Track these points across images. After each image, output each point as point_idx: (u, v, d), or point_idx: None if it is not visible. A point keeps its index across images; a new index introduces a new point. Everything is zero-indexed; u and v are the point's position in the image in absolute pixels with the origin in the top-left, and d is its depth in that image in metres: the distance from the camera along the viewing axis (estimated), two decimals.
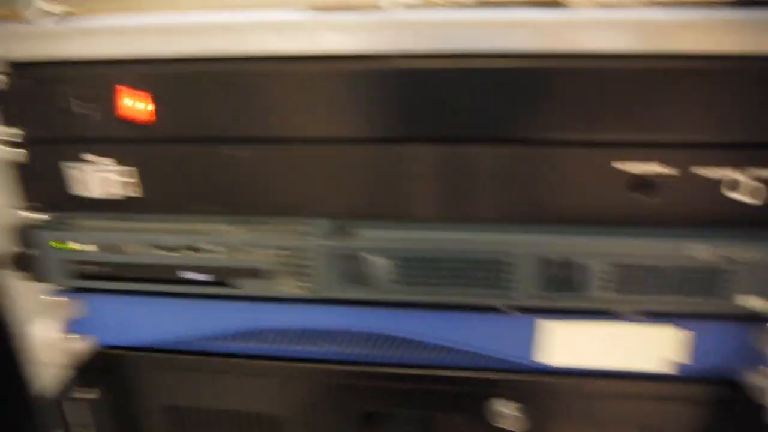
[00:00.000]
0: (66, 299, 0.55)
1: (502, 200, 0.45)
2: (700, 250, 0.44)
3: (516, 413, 0.51)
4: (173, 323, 0.54)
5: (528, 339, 0.49)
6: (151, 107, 0.47)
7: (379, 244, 0.47)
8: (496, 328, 0.49)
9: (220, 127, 0.47)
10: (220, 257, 0.49)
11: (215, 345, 0.55)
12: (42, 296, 0.55)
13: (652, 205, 0.44)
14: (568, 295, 0.46)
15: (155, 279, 0.51)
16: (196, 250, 0.50)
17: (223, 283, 0.50)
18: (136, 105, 0.47)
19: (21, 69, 0.48)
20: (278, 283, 0.49)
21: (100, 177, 0.49)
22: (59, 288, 0.55)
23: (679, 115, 0.41)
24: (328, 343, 0.52)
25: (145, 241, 0.50)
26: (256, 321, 0.53)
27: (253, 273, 0.49)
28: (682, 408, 0.50)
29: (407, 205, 0.47)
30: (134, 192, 0.50)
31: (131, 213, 0.51)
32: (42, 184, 0.51)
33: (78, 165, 0.50)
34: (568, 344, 0.49)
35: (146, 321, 0.55)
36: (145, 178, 0.50)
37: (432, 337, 0.50)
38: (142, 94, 0.47)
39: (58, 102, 0.48)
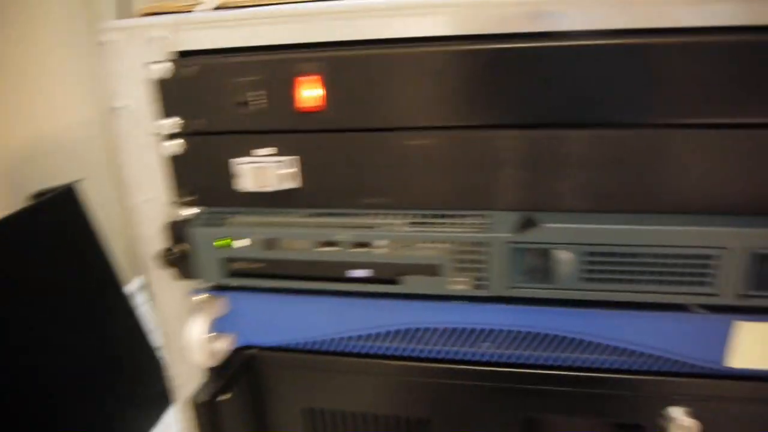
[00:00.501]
0: (214, 297, 0.54)
1: (706, 188, 0.42)
2: None
3: (693, 422, 0.48)
4: (326, 322, 0.52)
5: (719, 342, 0.46)
6: (318, 95, 0.45)
7: (566, 237, 0.44)
8: (685, 329, 0.46)
9: (394, 115, 0.45)
10: (387, 253, 0.47)
11: (364, 346, 0.53)
12: (190, 294, 0.54)
13: None
14: None
15: (314, 277, 0.50)
16: (362, 245, 0.48)
17: (388, 280, 0.48)
18: (301, 93, 0.45)
19: (185, 58, 0.47)
20: (450, 280, 0.47)
21: (260, 169, 0.48)
22: (209, 286, 0.53)
23: None
24: (493, 343, 0.50)
25: (305, 236, 0.48)
26: (417, 320, 0.50)
27: (424, 269, 0.47)
28: None
29: (596, 194, 0.44)
30: (295, 185, 0.48)
31: (291, 207, 0.49)
32: (198, 177, 0.50)
33: (238, 157, 0.48)
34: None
35: (295, 320, 0.53)
36: (308, 170, 0.48)
37: (611, 338, 0.47)
38: (308, 81, 0.45)
39: (219, 91, 0.47)
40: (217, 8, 0.48)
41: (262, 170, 0.48)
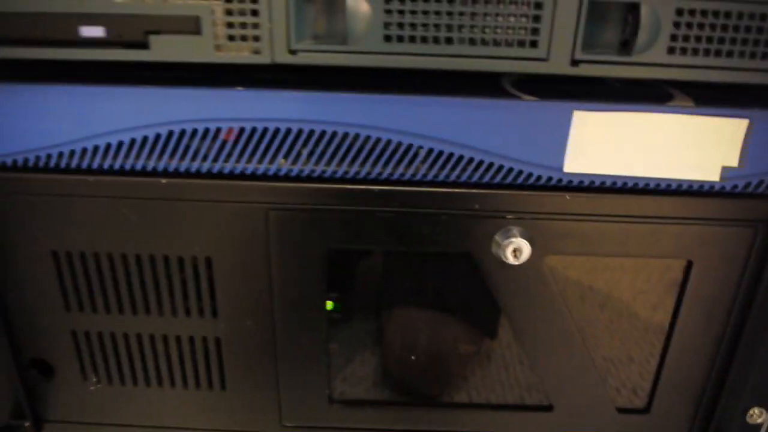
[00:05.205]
0: None
1: None
2: None
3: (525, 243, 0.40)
4: (63, 122, 0.39)
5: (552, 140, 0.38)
6: None
7: None
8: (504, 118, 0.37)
9: None
10: None
11: (117, 161, 0.40)
12: None
13: None
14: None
15: (30, 39, 0.35)
16: None
17: (133, 43, 0.35)
18: None
19: None
20: (217, 40, 0.35)
21: None
22: None
23: None
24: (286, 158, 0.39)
25: None
26: (178, 115, 0.38)
27: (181, 24, 0.35)
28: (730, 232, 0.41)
29: None
30: None
31: None
32: None
33: None
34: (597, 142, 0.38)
35: (16, 119, 0.39)
36: None
37: (424, 134, 0.38)
38: None
39: None
40: None
41: None
